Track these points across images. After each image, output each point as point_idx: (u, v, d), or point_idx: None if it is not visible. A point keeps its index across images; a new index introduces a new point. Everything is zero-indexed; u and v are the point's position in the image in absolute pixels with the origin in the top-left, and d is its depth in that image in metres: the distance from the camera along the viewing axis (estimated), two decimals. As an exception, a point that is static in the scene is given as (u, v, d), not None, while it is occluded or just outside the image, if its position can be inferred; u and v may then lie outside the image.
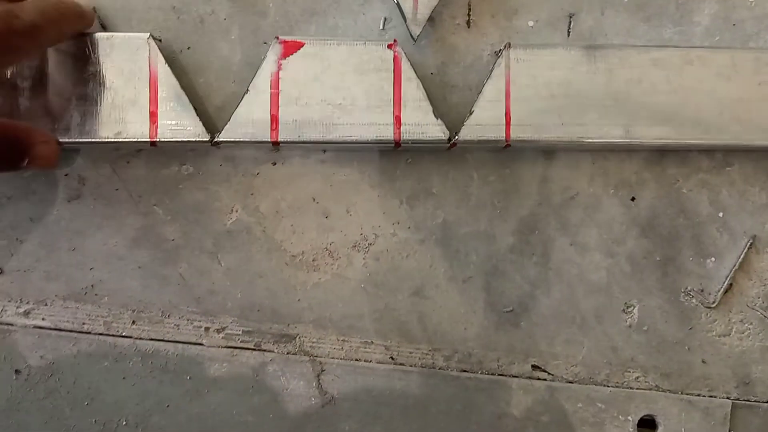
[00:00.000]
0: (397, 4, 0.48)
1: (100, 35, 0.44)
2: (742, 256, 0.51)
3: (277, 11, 0.49)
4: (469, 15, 0.50)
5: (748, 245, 0.51)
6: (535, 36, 0.50)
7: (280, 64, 0.45)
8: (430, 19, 0.49)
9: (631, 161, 0.50)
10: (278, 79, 0.45)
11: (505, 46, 0.46)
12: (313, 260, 0.49)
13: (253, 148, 0.48)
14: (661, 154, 0.50)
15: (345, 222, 0.49)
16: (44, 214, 0.47)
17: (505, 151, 0.49)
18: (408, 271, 0.49)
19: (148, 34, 0.45)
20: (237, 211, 0.48)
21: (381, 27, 0.50)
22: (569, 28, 0.50)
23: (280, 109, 0.45)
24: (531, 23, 0.50)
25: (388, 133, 0.45)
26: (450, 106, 0.49)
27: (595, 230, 0.50)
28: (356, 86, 0.46)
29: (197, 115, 0.44)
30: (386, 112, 0.46)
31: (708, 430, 0.50)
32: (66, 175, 0.48)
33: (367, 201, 0.49)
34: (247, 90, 0.45)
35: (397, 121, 0.46)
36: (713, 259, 0.51)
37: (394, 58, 0.46)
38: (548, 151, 0.50)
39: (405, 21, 0.48)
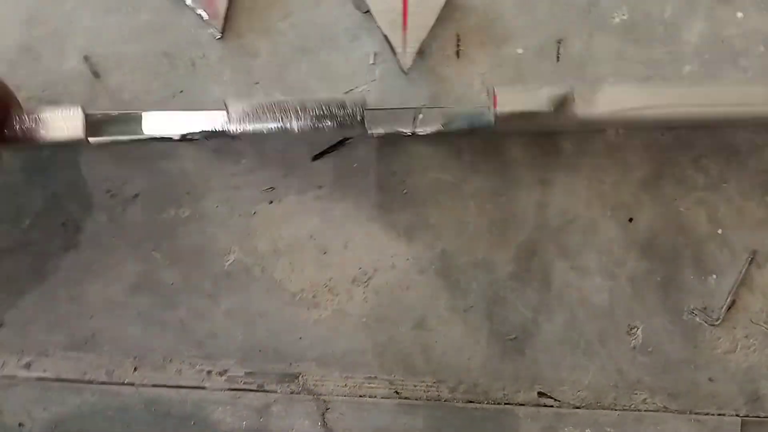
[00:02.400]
0: (386, 38, 0.48)
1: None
2: (743, 272, 0.50)
3: (267, 51, 0.49)
4: (458, 45, 0.50)
5: (749, 261, 0.50)
6: (525, 63, 0.50)
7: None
8: (420, 52, 0.49)
9: (627, 183, 0.50)
10: None
11: (488, 92, 0.45)
12: (313, 297, 0.49)
13: (247, 188, 0.48)
14: (657, 174, 0.50)
15: (343, 257, 0.49)
16: (43, 265, 0.47)
17: (500, 179, 0.50)
18: (409, 303, 0.49)
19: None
20: (235, 252, 0.48)
21: (371, 62, 0.50)
22: (558, 54, 0.50)
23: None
24: (520, 51, 0.50)
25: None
26: (443, 137, 0.49)
27: (594, 253, 0.50)
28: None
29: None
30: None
31: (719, 450, 0.49)
32: (63, 224, 0.48)
33: (365, 235, 0.49)
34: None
35: None
36: (715, 276, 0.50)
37: None
38: (543, 178, 0.50)
39: (395, 55, 0.48)
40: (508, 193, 0.50)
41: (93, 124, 0.43)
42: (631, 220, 0.50)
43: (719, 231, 0.50)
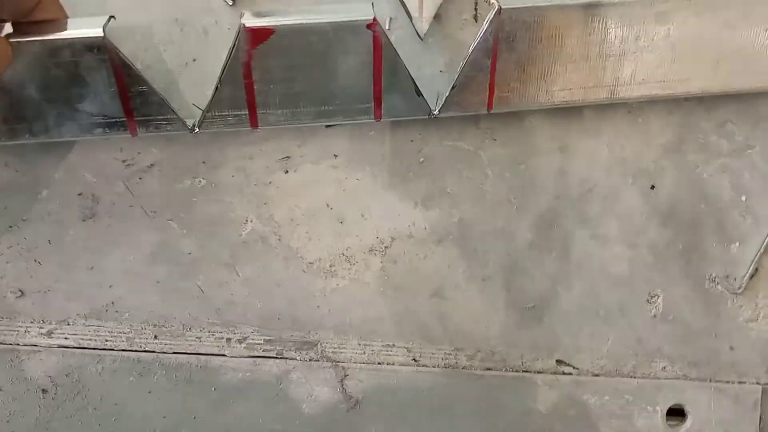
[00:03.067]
0: (402, 2, 0.47)
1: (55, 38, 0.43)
2: (767, 240, 0.49)
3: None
4: (476, 9, 0.49)
5: (773, 228, 0.49)
6: (545, 26, 0.48)
7: (251, 54, 0.44)
8: (437, 16, 0.48)
9: (649, 149, 0.49)
10: (250, 68, 0.44)
11: (496, 11, 0.44)
12: (330, 266, 0.49)
13: (262, 157, 0.48)
14: (679, 140, 0.49)
15: (360, 226, 0.49)
16: (61, 235, 0.48)
17: (518, 146, 0.49)
18: (426, 272, 0.49)
19: (101, 32, 0.42)
20: (252, 222, 0.48)
21: (387, 27, 0.49)
22: (579, 16, 0.49)
23: (256, 96, 0.44)
24: (540, 13, 0.49)
25: (368, 112, 0.45)
26: (461, 104, 0.48)
27: (614, 221, 0.49)
28: (334, 68, 0.44)
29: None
30: (367, 92, 0.44)
31: (738, 417, 0.49)
32: (80, 194, 0.48)
33: (382, 204, 0.49)
34: (219, 81, 0.43)
35: (377, 100, 0.45)
36: (737, 244, 0.50)
37: (374, 37, 0.45)
38: (563, 144, 0.49)
39: (411, 19, 0.47)
40: (527, 161, 0.49)
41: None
42: (653, 187, 0.49)
43: (743, 198, 0.50)
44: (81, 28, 0.42)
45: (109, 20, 0.43)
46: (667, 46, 0.46)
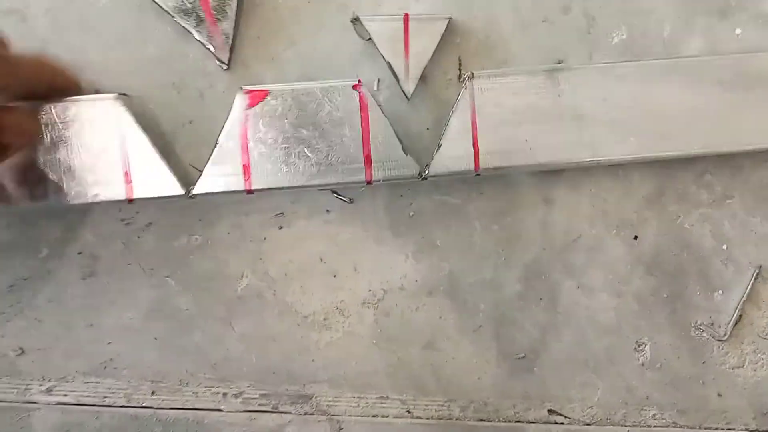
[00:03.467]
0: (389, 65, 0.49)
1: (67, 100, 0.45)
2: (749, 287, 0.51)
3: (273, 80, 0.50)
4: (460, 69, 0.51)
5: (754, 275, 0.51)
6: (527, 86, 0.51)
7: (247, 115, 0.46)
8: (422, 77, 0.50)
9: (631, 201, 0.51)
10: (246, 129, 0.46)
11: (467, 77, 0.47)
12: (324, 320, 0.50)
13: (256, 214, 0.49)
14: (660, 191, 0.51)
15: (353, 280, 0.50)
16: (61, 293, 0.49)
17: (505, 200, 0.50)
18: (418, 324, 0.50)
19: (116, 93, 0.46)
20: (247, 277, 0.50)
21: (375, 88, 0.51)
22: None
23: (250, 158, 0.46)
24: (521, 74, 0.51)
25: (359, 174, 0.46)
26: (448, 161, 0.50)
27: (600, 271, 0.51)
28: (324, 128, 0.47)
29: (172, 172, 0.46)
30: (356, 153, 0.47)
31: (729, 464, 0.50)
32: (79, 253, 0.49)
33: (374, 257, 0.50)
34: (217, 143, 0.46)
35: (367, 160, 0.47)
36: (721, 291, 0.51)
37: (360, 98, 0.47)
38: (547, 197, 0.51)
39: (398, 81, 0.49)
40: (513, 214, 0.51)
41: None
42: (636, 237, 0.51)
43: (724, 247, 0.51)
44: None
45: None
46: (634, 107, 0.48)
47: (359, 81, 0.47)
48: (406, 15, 0.49)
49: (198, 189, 0.46)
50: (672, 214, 0.51)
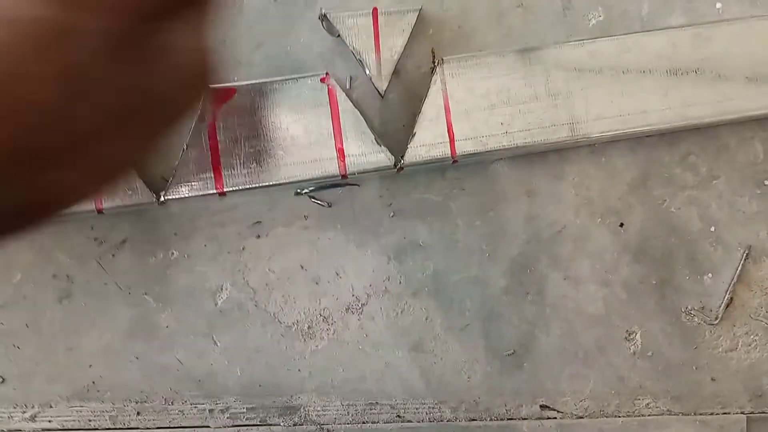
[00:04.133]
0: (360, 62, 0.48)
1: None
2: (739, 268, 0.50)
3: (241, 78, 0.49)
4: (434, 62, 0.50)
5: (744, 256, 0.50)
6: (502, 76, 0.49)
7: (215, 114, 0.45)
8: (396, 72, 0.48)
9: (615, 187, 0.50)
10: (215, 129, 0.45)
11: (438, 62, 0.46)
12: (308, 328, 0.49)
13: (233, 224, 0.48)
14: (644, 176, 0.50)
15: (335, 285, 0.49)
16: (38, 318, 0.48)
17: (486, 194, 0.49)
18: (404, 326, 0.49)
19: None
20: (227, 289, 0.49)
21: (348, 86, 0.50)
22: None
23: (221, 158, 0.45)
24: (496, 64, 0.50)
25: (333, 168, 0.45)
26: (425, 158, 0.49)
27: (587, 261, 0.50)
28: (294, 124, 0.45)
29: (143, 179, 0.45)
30: (328, 147, 0.45)
31: (726, 448, 0.49)
32: (54, 276, 0.48)
33: (355, 261, 0.49)
34: (185, 146, 0.45)
35: (341, 153, 0.46)
36: (710, 275, 0.50)
37: (329, 91, 0.46)
38: (530, 188, 0.49)
39: (370, 78, 0.48)
40: (496, 208, 0.50)
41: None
42: (621, 225, 0.50)
43: (712, 229, 0.50)
44: None
45: None
46: (610, 82, 0.47)
47: (327, 74, 0.46)
48: (375, 9, 0.48)
49: (168, 194, 0.45)
50: (657, 199, 0.50)
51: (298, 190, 0.48)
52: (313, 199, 0.49)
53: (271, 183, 0.45)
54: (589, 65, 0.47)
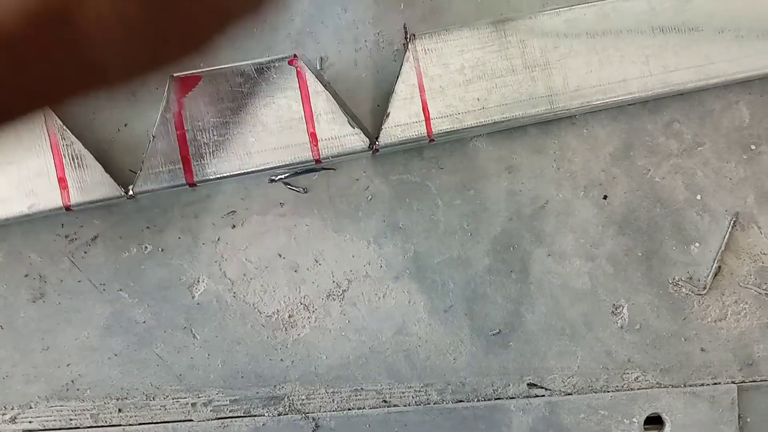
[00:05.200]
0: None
1: None
2: (727, 236, 0.49)
3: (206, 64, 0.47)
4: (406, 38, 0.48)
5: (731, 224, 0.49)
6: (476, 49, 0.48)
7: (181, 103, 0.44)
8: (368, 48, 0.47)
9: (597, 159, 0.48)
10: (181, 118, 0.43)
11: (409, 38, 0.45)
12: (289, 317, 0.48)
13: (207, 215, 0.47)
14: (627, 146, 0.49)
15: (315, 272, 0.48)
16: (12, 318, 0.47)
17: (465, 172, 0.48)
18: (387, 310, 0.48)
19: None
20: (204, 282, 0.48)
21: (318, 67, 0.48)
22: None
23: (189, 149, 0.44)
24: (470, 36, 0.48)
25: (306, 153, 0.44)
26: (400, 138, 0.47)
27: (570, 236, 0.49)
28: (264, 110, 0.44)
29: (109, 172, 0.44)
30: (300, 131, 0.44)
31: (717, 418, 0.49)
32: (26, 275, 0.47)
33: (334, 247, 0.48)
34: (152, 136, 0.43)
35: (313, 137, 0.44)
36: (697, 244, 0.49)
37: (298, 73, 0.44)
38: (510, 164, 0.48)
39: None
40: (476, 186, 0.48)
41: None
42: (605, 197, 0.49)
43: (698, 197, 0.49)
44: None
45: None
46: (589, 51, 0.45)
47: (295, 55, 0.44)
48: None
49: (137, 187, 0.43)
50: (641, 169, 0.49)
51: (272, 177, 0.47)
52: (288, 186, 0.48)
53: (242, 171, 0.44)
54: (566, 34, 0.45)
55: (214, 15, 0.25)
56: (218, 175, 0.43)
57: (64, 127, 0.43)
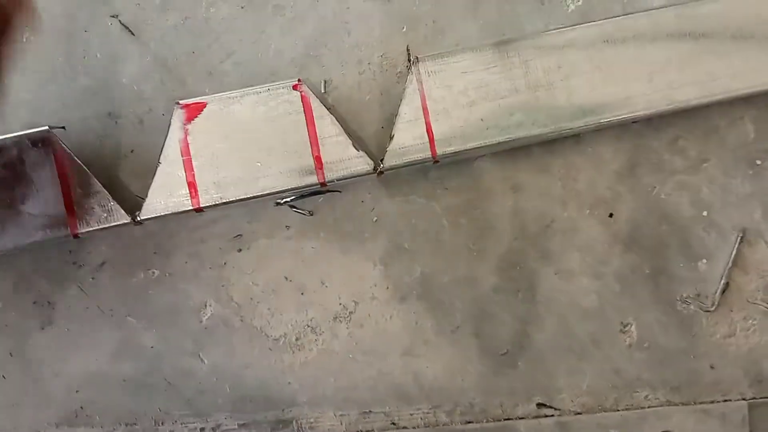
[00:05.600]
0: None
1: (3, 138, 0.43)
2: (734, 252, 0.49)
3: (212, 90, 0.48)
4: (409, 60, 0.48)
5: (738, 239, 0.49)
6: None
7: (187, 129, 0.44)
8: (372, 71, 0.47)
9: (602, 177, 0.48)
10: (187, 144, 0.44)
11: (413, 61, 0.45)
12: (296, 340, 0.48)
13: (214, 239, 0.47)
14: (632, 164, 0.49)
15: (322, 295, 0.48)
16: (22, 346, 0.47)
17: (471, 192, 0.48)
18: (394, 332, 0.48)
19: (46, 126, 0.43)
20: (211, 306, 0.48)
21: (322, 90, 0.48)
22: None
23: (195, 174, 0.44)
24: (473, 58, 0.48)
25: (311, 177, 0.44)
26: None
27: (577, 254, 0.48)
28: (269, 135, 0.44)
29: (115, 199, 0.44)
30: (305, 155, 0.44)
31: (729, 436, 0.48)
32: (35, 302, 0.47)
33: (341, 269, 0.48)
34: (159, 162, 0.43)
35: (318, 161, 0.44)
36: (705, 260, 0.49)
37: (302, 98, 0.44)
38: (515, 183, 0.48)
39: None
40: (481, 205, 0.48)
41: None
42: (611, 215, 0.49)
43: (704, 213, 0.49)
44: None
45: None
46: (592, 69, 0.45)
47: (299, 81, 0.44)
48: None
49: (144, 213, 0.44)
50: (647, 186, 0.49)
51: (278, 201, 0.47)
52: (293, 209, 0.48)
53: (249, 196, 0.44)
54: (568, 54, 0.45)
55: None
56: (225, 200, 0.44)
57: (71, 154, 0.43)
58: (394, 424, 0.48)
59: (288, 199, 0.47)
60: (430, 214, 0.48)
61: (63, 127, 0.46)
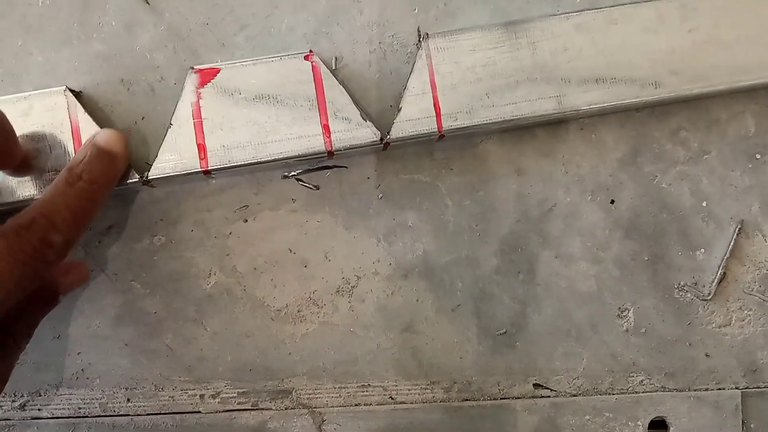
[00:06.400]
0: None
1: (14, 97, 0.44)
2: (732, 243, 0.50)
3: (224, 60, 0.48)
4: (419, 41, 0.49)
5: (736, 231, 0.49)
6: (489, 53, 0.49)
7: (199, 93, 0.45)
8: (383, 50, 0.48)
9: (605, 165, 0.49)
10: (199, 108, 0.44)
11: (423, 37, 0.46)
12: (298, 311, 0.48)
13: (220, 208, 0.48)
14: (635, 152, 0.49)
15: (325, 268, 0.49)
16: (24, 306, 0.47)
17: (475, 173, 0.49)
18: (395, 308, 0.49)
19: (64, 87, 0.44)
20: (215, 274, 0.48)
21: (333, 66, 0.49)
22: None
23: (205, 137, 0.44)
24: (483, 41, 0.49)
25: (318, 144, 0.45)
26: (413, 138, 0.48)
27: (578, 239, 0.49)
28: (279, 102, 0.45)
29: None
30: (313, 123, 0.45)
31: (720, 423, 0.49)
32: (40, 263, 0.47)
33: (344, 244, 0.49)
34: (170, 124, 0.44)
35: (326, 129, 0.45)
36: (703, 250, 0.50)
37: (313, 68, 0.45)
38: (519, 167, 0.49)
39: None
40: (485, 187, 0.49)
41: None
42: (612, 201, 0.49)
43: (704, 204, 0.50)
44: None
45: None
46: (597, 54, 0.46)
47: (311, 51, 0.45)
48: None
49: (153, 173, 0.44)
50: (648, 175, 0.49)
51: (285, 173, 0.48)
52: (300, 182, 0.48)
53: (257, 160, 0.45)
54: (574, 38, 0.46)
55: None
56: (233, 164, 0.44)
57: (86, 113, 0.44)
58: (392, 398, 0.49)
59: (295, 172, 0.48)
60: (434, 193, 0.49)
61: (80, 92, 0.47)
